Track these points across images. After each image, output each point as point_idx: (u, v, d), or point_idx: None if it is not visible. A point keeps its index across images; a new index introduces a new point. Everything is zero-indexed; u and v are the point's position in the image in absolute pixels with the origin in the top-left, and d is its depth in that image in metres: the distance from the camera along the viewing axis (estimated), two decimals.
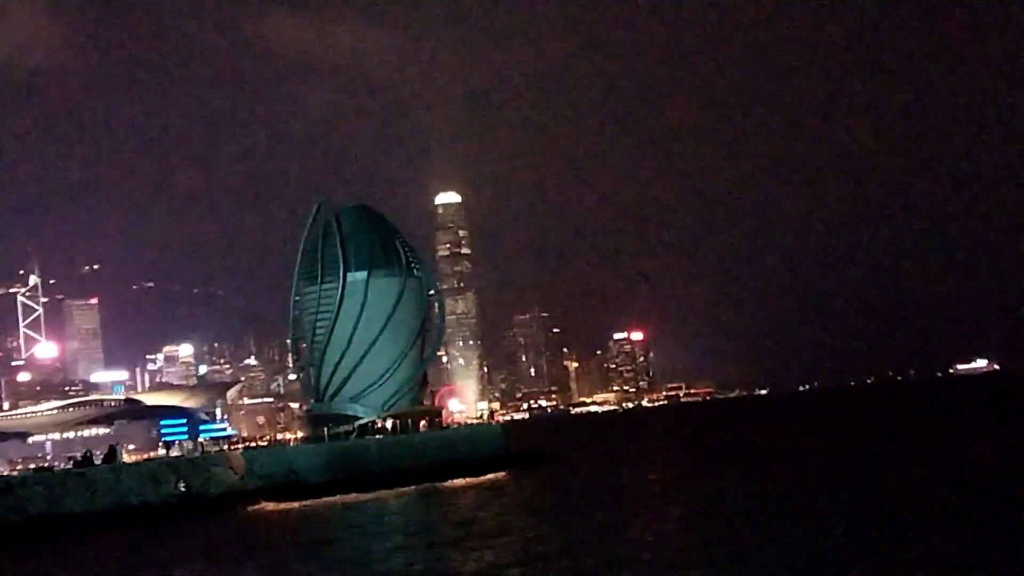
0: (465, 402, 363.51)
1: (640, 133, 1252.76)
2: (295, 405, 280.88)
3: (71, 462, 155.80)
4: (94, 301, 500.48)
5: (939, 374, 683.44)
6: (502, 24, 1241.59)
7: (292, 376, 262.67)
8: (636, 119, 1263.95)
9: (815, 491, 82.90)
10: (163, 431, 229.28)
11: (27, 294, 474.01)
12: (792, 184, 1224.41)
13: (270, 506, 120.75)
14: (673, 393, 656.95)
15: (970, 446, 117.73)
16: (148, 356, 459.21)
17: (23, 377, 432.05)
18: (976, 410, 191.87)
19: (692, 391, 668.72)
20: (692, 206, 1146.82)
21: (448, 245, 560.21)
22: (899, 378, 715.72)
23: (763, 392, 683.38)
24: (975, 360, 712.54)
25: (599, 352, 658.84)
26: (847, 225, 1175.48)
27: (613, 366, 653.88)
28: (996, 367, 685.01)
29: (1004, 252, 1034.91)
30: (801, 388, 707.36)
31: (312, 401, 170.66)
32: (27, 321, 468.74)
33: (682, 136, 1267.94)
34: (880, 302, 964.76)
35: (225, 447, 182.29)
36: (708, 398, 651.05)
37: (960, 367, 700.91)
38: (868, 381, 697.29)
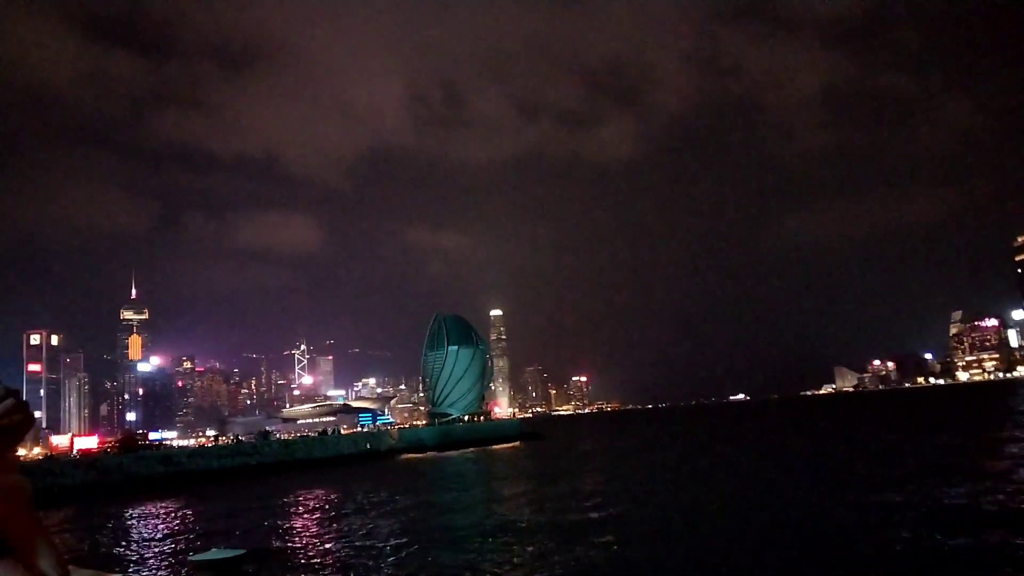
0: (502, 408, 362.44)
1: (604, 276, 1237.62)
2: (423, 408, 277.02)
3: (317, 433, 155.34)
4: (330, 357, 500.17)
5: (723, 400, 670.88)
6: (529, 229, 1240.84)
7: (422, 394, 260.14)
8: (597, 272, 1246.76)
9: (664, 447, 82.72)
10: (360, 420, 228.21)
11: (299, 354, 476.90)
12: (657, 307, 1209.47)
13: (410, 456, 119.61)
14: (599, 406, 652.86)
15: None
16: (354, 383, 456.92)
17: (296, 393, 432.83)
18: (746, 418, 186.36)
19: (608, 406, 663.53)
20: (622, 315, 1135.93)
21: (495, 333, 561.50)
22: (703, 401, 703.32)
23: (649, 407, 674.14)
24: (738, 393, 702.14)
25: (565, 385, 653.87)
26: (686, 325, 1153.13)
27: (572, 392, 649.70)
28: (748, 398, 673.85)
29: (754, 330, 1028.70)
30: (661, 405, 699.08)
31: (431, 406, 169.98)
32: (299, 367, 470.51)
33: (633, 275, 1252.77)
34: (694, 360, 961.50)
35: (389, 428, 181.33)
36: (616, 409, 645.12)
37: (731, 397, 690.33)
38: (692, 403, 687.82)
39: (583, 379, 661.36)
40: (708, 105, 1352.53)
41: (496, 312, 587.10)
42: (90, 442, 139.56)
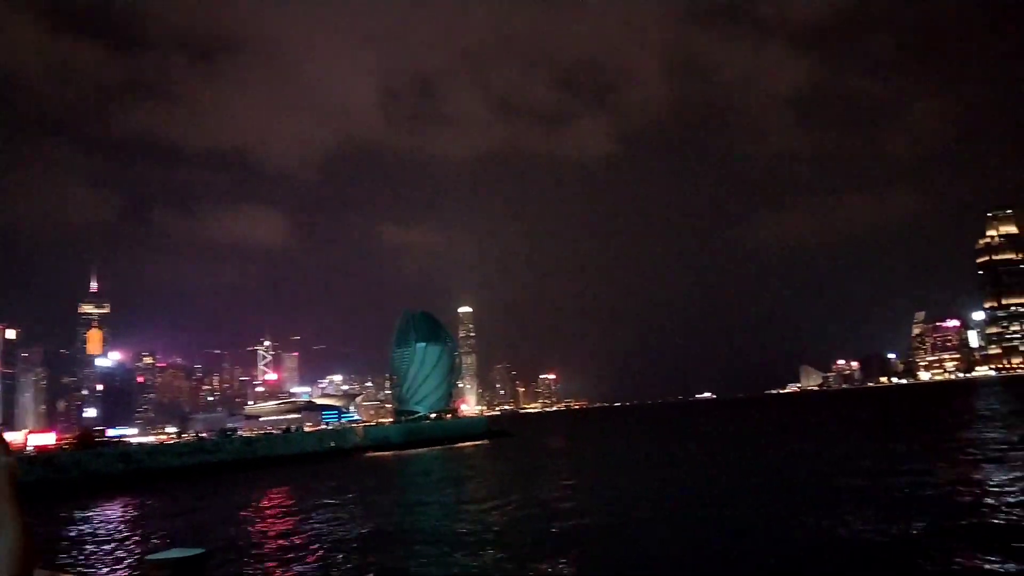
0: (469, 406, 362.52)
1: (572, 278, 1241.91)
2: (389, 406, 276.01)
3: (281, 431, 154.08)
4: (296, 354, 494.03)
5: (689, 399, 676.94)
6: (504, 228, 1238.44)
7: (388, 391, 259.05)
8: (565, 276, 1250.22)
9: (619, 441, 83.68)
10: (324, 417, 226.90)
11: (263, 350, 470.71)
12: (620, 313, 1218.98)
13: (375, 454, 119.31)
14: (567, 404, 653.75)
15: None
16: (319, 380, 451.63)
17: (259, 389, 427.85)
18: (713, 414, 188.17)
19: (576, 404, 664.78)
20: (591, 314, 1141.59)
21: (464, 330, 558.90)
22: (670, 400, 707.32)
23: (616, 405, 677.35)
24: (705, 392, 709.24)
25: (533, 383, 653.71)
26: (655, 324, 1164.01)
27: (540, 390, 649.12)
28: (714, 396, 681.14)
29: (722, 330, 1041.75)
30: (628, 403, 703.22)
31: (397, 404, 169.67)
32: (263, 363, 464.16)
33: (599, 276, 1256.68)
34: (662, 359, 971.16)
35: (354, 425, 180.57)
36: (583, 407, 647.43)
37: (697, 395, 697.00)
38: (659, 401, 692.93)
39: (551, 377, 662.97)
40: (682, 105, 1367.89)
41: (465, 309, 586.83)
42: (47, 439, 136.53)
